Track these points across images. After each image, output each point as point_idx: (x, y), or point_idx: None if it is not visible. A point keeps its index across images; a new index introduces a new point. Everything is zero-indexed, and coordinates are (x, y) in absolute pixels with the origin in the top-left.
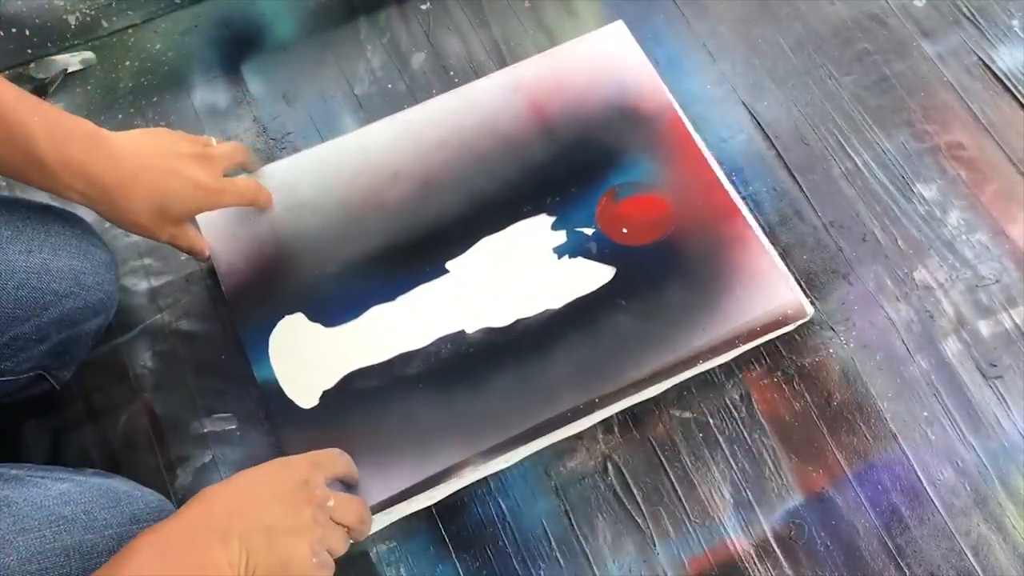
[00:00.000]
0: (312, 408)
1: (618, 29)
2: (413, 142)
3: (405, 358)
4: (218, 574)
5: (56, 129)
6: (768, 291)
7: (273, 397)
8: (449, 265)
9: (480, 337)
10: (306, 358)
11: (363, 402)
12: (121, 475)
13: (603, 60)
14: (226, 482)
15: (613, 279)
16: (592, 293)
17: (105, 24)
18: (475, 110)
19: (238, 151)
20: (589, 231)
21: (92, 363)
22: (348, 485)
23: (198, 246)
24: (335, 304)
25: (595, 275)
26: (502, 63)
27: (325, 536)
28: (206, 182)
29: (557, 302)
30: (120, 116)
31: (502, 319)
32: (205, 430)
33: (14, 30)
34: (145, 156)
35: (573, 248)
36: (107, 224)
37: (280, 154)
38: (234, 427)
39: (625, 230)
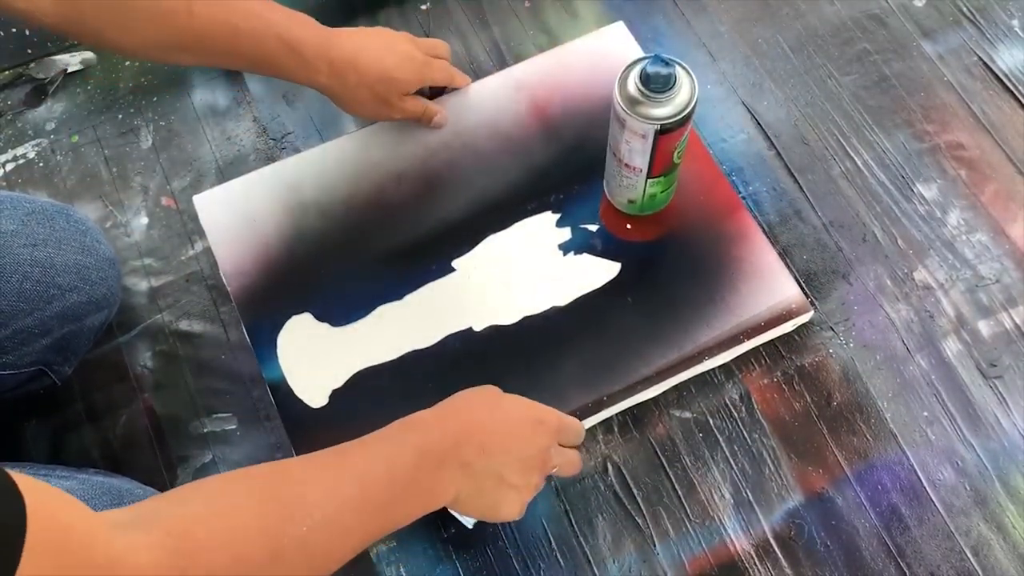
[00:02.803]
0: (322, 407)
1: (618, 29)
2: (416, 142)
3: (413, 356)
4: (441, 500)
5: (298, 22)
6: (772, 286)
7: (282, 396)
8: (455, 263)
9: (488, 335)
10: (315, 357)
11: (372, 401)
12: (121, 475)
13: (604, 60)
14: (488, 406)
15: (618, 275)
16: (598, 289)
17: None
18: (477, 110)
19: (439, 44)
20: (593, 227)
21: (92, 363)
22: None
23: (431, 111)
24: (342, 303)
25: (600, 271)
26: (502, 63)
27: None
28: (416, 55)
29: (563, 299)
30: (120, 116)
31: (509, 316)
32: (205, 430)
33: (14, 30)
34: (364, 37)
35: (578, 245)
36: (109, 224)
37: (280, 155)
38: (234, 427)
39: (629, 226)
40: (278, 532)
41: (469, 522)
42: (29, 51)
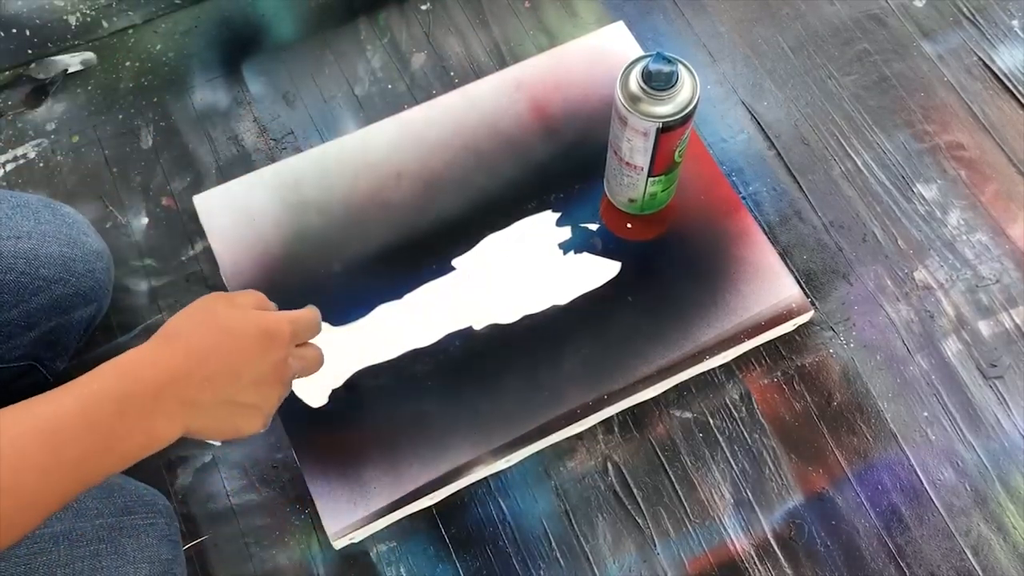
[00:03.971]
0: (322, 407)
1: (618, 29)
2: (415, 142)
3: (413, 356)
4: (162, 441)
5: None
6: (773, 286)
7: None
8: (455, 263)
9: (487, 334)
10: None
11: (372, 400)
12: (119, 473)
13: (603, 59)
14: (208, 327)
15: (618, 275)
16: (598, 289)
17: (105, 24)
18: (477, 110)
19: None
20: (593, 227)
21: (92, 363)
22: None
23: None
24: (342, 303)
25: (600, 270)
26: (502, 63)
27: (280, 400)
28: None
29: (563, 298)
30: (120, 116)
31: (509, 315)
32: None
33: (14, 30)
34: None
35: (578, 244)
36: (109, 224)
37: (281, 154)
38: None
39: (629, 225)
40: None
41: (215, 441)
42: (29, 51)
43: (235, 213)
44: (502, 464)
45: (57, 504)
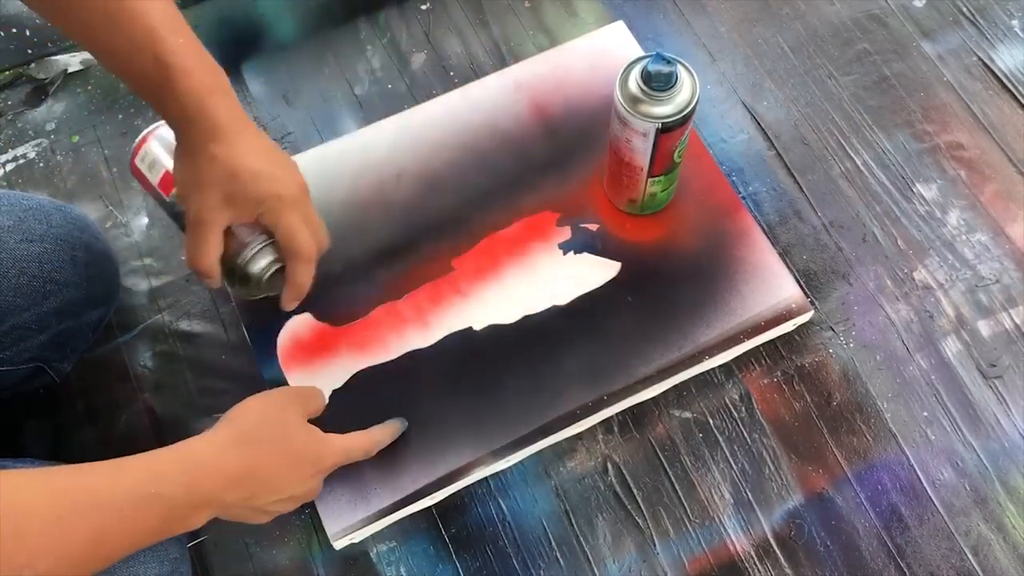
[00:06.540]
0: None
1: (618, 29)
2: (415, 142)
3: (413, 356)
4: (185, 531)
5: (195, 57)
6: (772, 286)
7: None
8: (455, 263)
9: (487, 334)
10: (314, 358)
11: (372, 401)
12: None
13: (603, 59)
14: (275, 443)
15: (618, 275)
16: (598, 289)
17: None
18: (477, 110)
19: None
20: (593, 227)
21: (92, 362)
22: None
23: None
24: (342, 303)
25: (600, 271)
26: (502, 63)
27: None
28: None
29: (563, 298)
30: (120, 116)
31: (509, 316)
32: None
33: (14, 30)
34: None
35: (578, 244)
36: (109, 224)
37: None
38: None
39: (629, 225)
40: None
41: None
42: (29, 51)
43: None
44: (502, 464)
45: None
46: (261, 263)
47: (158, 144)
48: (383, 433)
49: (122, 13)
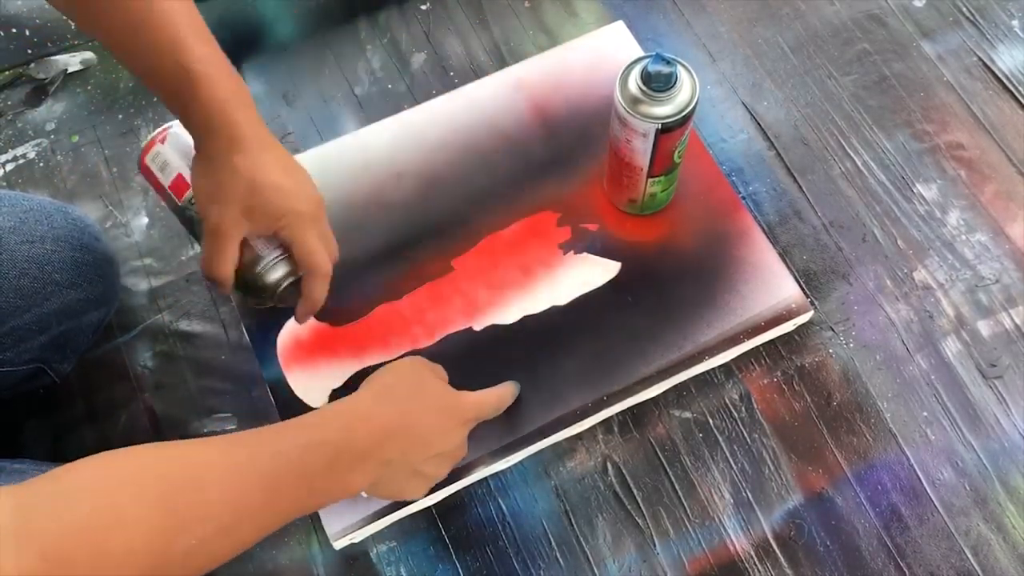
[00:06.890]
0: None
1: (618, 29)
2: (415, 142)
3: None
4: (348, 495)
5: (218, 67)
6: (772, 286)
7: (282, 396)
8: (455, 263)
9: (487, 334)
10: (314, 357)
11: None
12: None
13: (603, 59)
14: (415, 394)
15: (618, 275)
16: (598, 289)
17: None
18: (477, 110)
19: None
20: (593, 227)
21: (93, 362)
22: None
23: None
24: (342, 303)
25: (600, 271)
26: (502, 63)
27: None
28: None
29: (563, 298)
30: (120, 116)
31: (509, 316)
32: (205, 430)
33: (14, 30)
34: (283, 179)
35: (578, 244)
36: (109, 224)
37: None
38: (234, 427)
39: (629, 225)
40: (165, 548)
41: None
42: (29, 51)
43: None
44: (502, 464)
45: (253, 542)
46: (276, 276)
47: (171, 145)
48: (507, 391)
49: (149, 19)
